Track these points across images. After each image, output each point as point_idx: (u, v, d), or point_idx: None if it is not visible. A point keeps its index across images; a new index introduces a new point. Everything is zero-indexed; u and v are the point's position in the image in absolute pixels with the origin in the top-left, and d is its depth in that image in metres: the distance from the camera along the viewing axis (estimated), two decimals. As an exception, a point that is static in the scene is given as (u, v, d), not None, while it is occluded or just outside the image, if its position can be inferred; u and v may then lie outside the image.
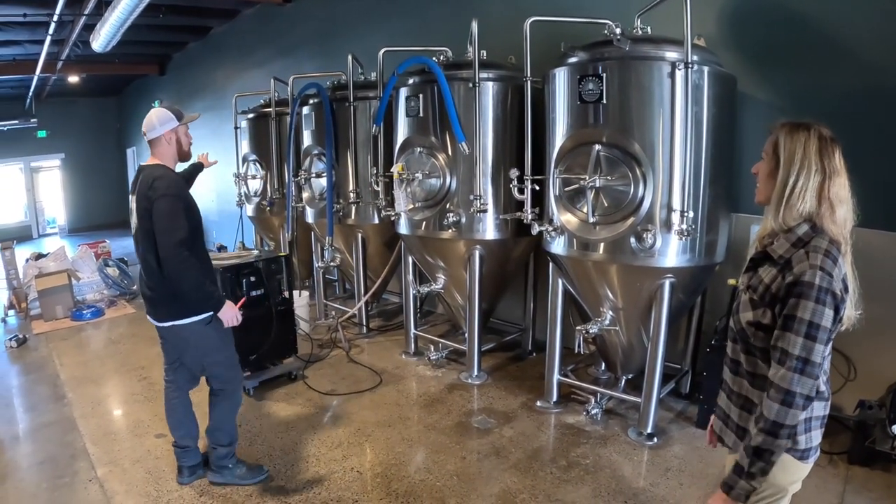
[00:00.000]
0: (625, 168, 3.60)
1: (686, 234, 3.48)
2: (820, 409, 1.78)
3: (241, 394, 3.56)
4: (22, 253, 8.83)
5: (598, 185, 3.63)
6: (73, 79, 12.88)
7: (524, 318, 5.45)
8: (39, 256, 8.22)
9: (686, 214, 3.47)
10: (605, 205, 3.71)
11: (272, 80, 6.48)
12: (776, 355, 1.66)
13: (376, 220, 5.71)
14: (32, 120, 15.43)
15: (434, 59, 4.61)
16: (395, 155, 4.92)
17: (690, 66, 3.40)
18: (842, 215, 1.72)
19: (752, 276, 1.80)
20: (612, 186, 3.64)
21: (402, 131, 4.83)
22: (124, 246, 13.55)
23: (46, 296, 7.18)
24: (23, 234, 16.39)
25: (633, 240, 3.62)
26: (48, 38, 8.72)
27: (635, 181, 3.59)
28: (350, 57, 5.41)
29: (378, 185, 5.22)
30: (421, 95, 4.59)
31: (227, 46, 10.53)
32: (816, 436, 1.80)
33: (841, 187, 1.71)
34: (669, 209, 3.53)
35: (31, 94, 13.96)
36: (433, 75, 4.44)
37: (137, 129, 16.03)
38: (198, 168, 4.33)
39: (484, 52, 4.42)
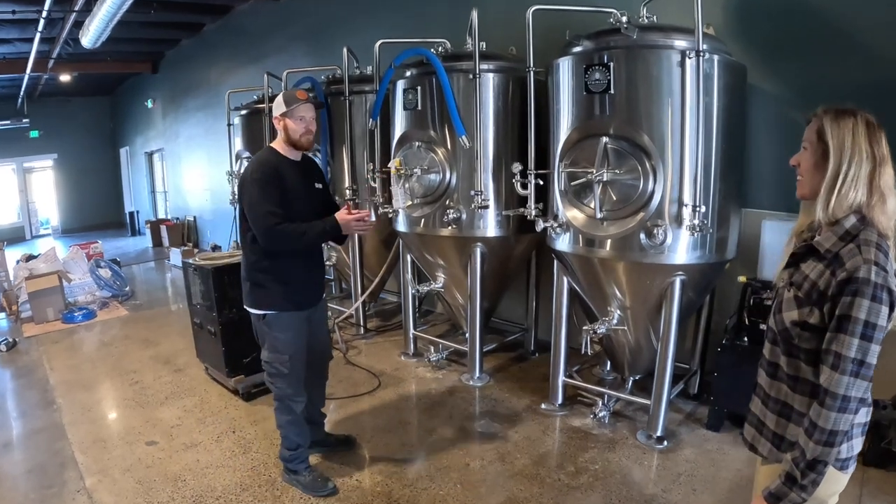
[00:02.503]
0: (633, 161, 3.45)
1: (698, 229, 3.34)
2: (863, 415, 1.66)
3: (292, 406, 3.32)
4: (13, 254, 8.71)
5: (605, 178, 3.48)
6: (65, 77, 12.78)
7: (526, 317, 5.31)
8: (30, 258, 8.11)
9: (698, 209, 3.33)
10: (614, 199, 3.56)
11: (265, 76, 6.34)
12: (829, 359, 1.55)
13: (373, 218, 5.50)
14: (24, 120, 15.25)
15: (432, 50, 4.46)
16: (392, 150, 4.77)
17: (702, 54, 3.25)
18: (892, 206, 1.60)
19: (795, 273, 1.70)
20: (620, 180, 3.49)
21: (399, 125, 4.68)
22: (118, 246, 13.52)
23: (37, 298, 7.03)
24: (16, 236, 16.31)
25: (642, 236, 3.47)
26: (38, 36, 8.58)
27: (644, 174, 3.44)
28: (345, 50, 5.27)
29: (375, 182, 5.06)
30: (419, 88, 4.43)
31: (220, 43, 10.40)
32: (858, 444, 1.68)
33: (890, 176, 1.60)
34: (681, 204, 3.38)
35: (22, 93, 13.78)
36: (432, 67, 4.29)
37: (131, 128, 16.20)
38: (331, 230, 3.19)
39: (483, 44, 4.26)
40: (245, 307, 3.32)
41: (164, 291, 9.32)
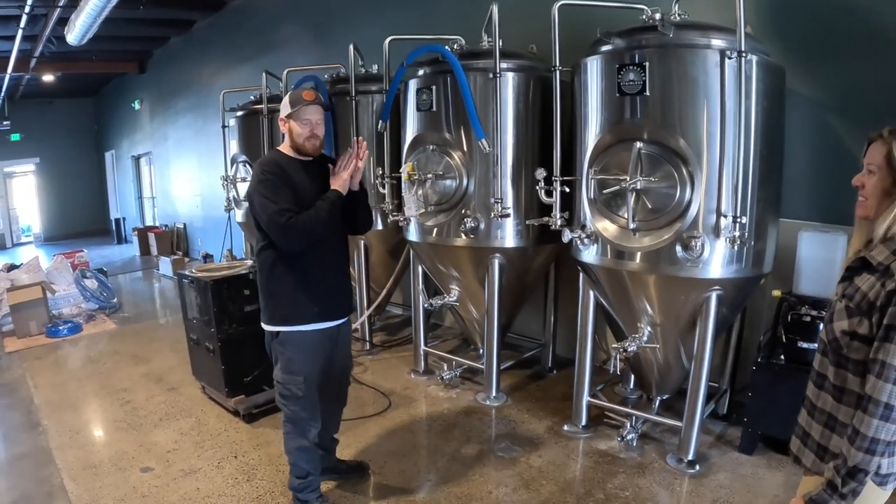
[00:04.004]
0: (669, 167, 3.22)
1: (739, 241, 3.12)
2: None
3: (305, 430, 3.08)
4: (-7, 263, 8.38)
5: (639, 186, 3.24)
6: (48, 78, 12.41)
7: (543, 332, 5.05)
8: (12, 267, 7.79)
9: (739, 220, 3.11)
10: (648, 209, 3.32)
11: (264, 74, 6.05)
12: (875, 368, 1.57)
13: (380, 227, 5.29)
14: (5, 122, 14.87)
15: (447, 47, 4.20)
16: (403, 154, 4.51)
17: (744, 54, 3.03)
18: None
19: (848, 286, 1.71)
20: (654, 188, 3.26)
21: (411, 127, 4.42)
22: (103, 255, 13.14)
23: (19, 311, 6.70)
24: (-5, 244, 15.87)
25: (678, 248, 3.24)
26: (20, 33, 8.24)
27: (682, 182, 3.21)
28: (351, 47, 5.00)
29: (384, 188, 4.80)
30: (433, 87, 4.18)
31: (211, 41, 10.10)
32: None
33: None
34: (719, 214, 3.16)
35: (3, 94, 13.41)
36: (447, 65, 4.04)
37: (117, 131, 15.84)
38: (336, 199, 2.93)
39: (500, 42, 4.01)
40: (263, 324, 3.06)
41: (153, 303, 9.00)
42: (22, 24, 7.84)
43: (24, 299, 6.76)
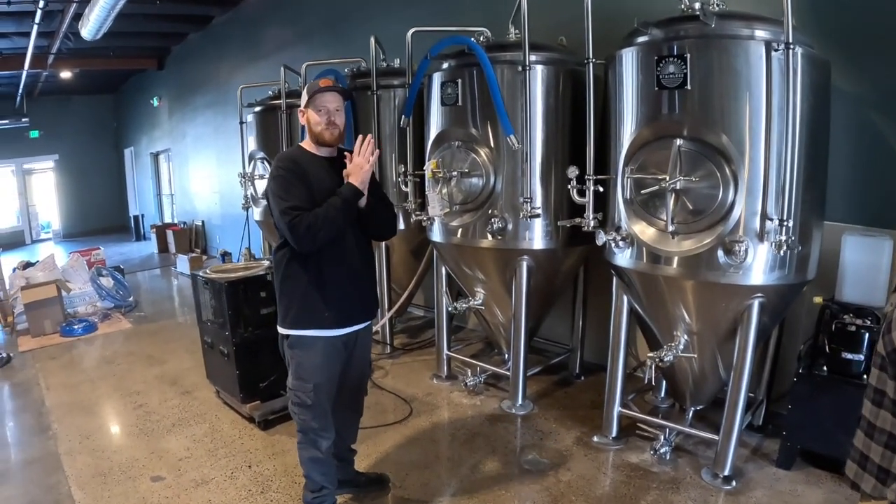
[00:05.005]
0: (711, 166, 3.03)
1: (786, 246, 2.92)
2: None
3: (317, 441, 2.92)
4: (9, 261, 8.32)
5: (679, 186, 3.05)
6: (66, 74, 12.42)
7: (571, 337, 4.85)
8: (28, 265, 7.69)
9: (785, 223, 2.91)
10: (688, 210, 3.13)
11: (282, 69, 5.90)
12: None
13: (402, 226, 5.11)
14: (24, 119, 14.89)
15: (473, 39, 4.03)
16: (427, 150, 4.35)
17: (791, 47, 2.83)
18: None
19: None
20: (695, 189, 3.06)
21: (435, 123, 4.25)
22: (121, 252, 13.12)
23: (34, 309, 6.60)
24: (15, 241, 15.93)
25: (720, 253, 3.05)
26: (35, 29, 8.14)
27: (724, 182, 3.01)
28: (373, 40, 4.84)
29: (406, 186, 4.63)
30: (459, 81, 4.00)
31: (230, 37, 10.02)
32: None
33: None
34: (764, 217, 2.97)
35: (21, 91, 13.39)
36: (472, 58, 3.87)
37: (136, 127, 15.85)
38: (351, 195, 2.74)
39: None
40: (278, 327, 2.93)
41: (170, 302, 8.91)
42: (37, 19, 7.72)
43: (38, 297, 6.66)
